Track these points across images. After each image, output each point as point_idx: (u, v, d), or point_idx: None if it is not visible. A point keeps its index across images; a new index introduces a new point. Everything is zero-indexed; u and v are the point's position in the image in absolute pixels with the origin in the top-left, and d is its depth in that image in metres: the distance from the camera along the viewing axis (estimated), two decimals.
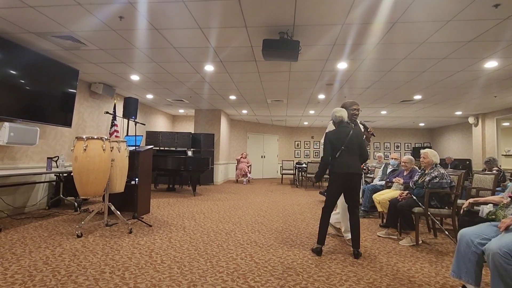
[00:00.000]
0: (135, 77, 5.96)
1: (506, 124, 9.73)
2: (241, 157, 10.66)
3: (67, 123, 5.09)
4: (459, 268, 1.92)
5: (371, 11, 3.17)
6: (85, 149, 3.10)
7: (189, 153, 7.84)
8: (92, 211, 3.59)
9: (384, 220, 3.88)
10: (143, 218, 4.02)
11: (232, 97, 7.73)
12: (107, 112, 4.31)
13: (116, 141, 3.55)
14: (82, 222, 3.32)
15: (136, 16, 3.36)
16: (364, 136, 3.22)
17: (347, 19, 3.34)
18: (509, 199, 1.98)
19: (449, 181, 3.30)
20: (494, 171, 4.94)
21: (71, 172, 4.26)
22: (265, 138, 13.07)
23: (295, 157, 13.69)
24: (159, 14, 3.32)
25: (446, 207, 3.28)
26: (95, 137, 3.22)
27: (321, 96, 7.33)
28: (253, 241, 3.17)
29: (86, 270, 2.27)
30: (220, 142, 9.71)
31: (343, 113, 3.01)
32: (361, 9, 3.13)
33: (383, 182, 4.72)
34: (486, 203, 2.17)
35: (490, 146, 8.91)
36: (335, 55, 4.45)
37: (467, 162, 9.38)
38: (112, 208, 3.49)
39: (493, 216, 2.03)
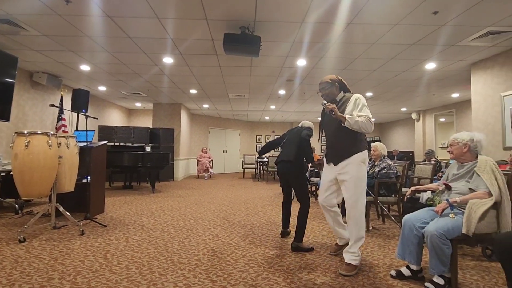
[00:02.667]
0: (85, 67, 5.51)
1: (442, 119, 10.92)
2: (202, 153, 10.50)
3: (4, 116, 4.55)
4: (403, 250, 2.13)
5: (328, 12, 3.31)
6: (27, 146, 2.81)
7: (147, 149, 7.51)
8: (37, 213, 3.27)
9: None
10: (96, 218, 3.78)
11: (193, 91, 7.55)
12: (53, 105, 3.93)
13: (64, 137, 3.26)
14: (25, 226, 3.01)
15: (85, 0, 3.10)
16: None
17: (305, 17, 3.45)
18: (444, 186, 2.24)
19: (395, 171, 3.63)
20: (432, 162, 5.53)
21: (10, 171, 3.83)
22: (226, 132, 13.02)
23: (256, 151, 13.87)
24: (112, 0, 3.10)
25: (393, 195, 3.60)
26: (39, 132, 2.93)
27: (282, 92, 7.50)
28: (215, 236, 3.17)
29: (31, 277, 2.08)
30: (181, 137, 9.45)
31: (305, 122, 3.23)
32: (319, 9, 3.26)
33: None
34: (425, 191, 2.44)
35: (429, 139, 9.95)
36: (294, 52, 4.58)
37: (411, 154, 10.37)
38: (61, 209, 3.22)
39: (431, 202, 2.29)
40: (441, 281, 1.92)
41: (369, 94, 7.56)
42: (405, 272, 2.14)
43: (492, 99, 4.78)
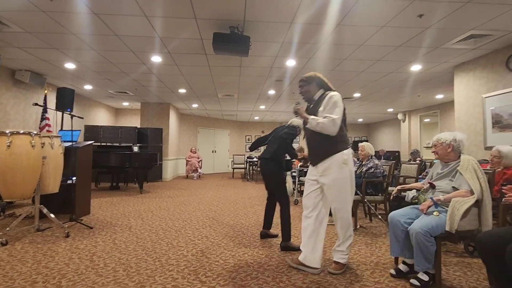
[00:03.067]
0: (70, 65, 5.38)
1: (427, 120, 11.22)
2: (191, 153, 10.42)
3: None
4: (397, 247, 2.16)
5: (317, 12, 3.35)
6: (9, 146, 2.71)
7: (135, 149, 7.38)
8: (20, 215, 3.17)
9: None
10: (82, 220, 3.70)
11: (182, 91, 7.48)
12: (36, 104, 3.82)
13: (48, 136, 3.17)
14: (8, 228, 2.91)
15: None
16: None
17: (295, 18, 3.48)
18: (428, 185, 2.30)
19: (382, 170, 3.70)
20: (418, 161, 5.68)
21: None
22: (216, 132, 12.96)
23: (246, 151, 13.86)
24: None
25: (380, 194, 3.67)
26: (22, 131, 2.84)
27: (271, 92, 7.52)
28: (204, 237, 3.15)
29: (14, 281, 2.01)
30: (169, 137, 9.35)
31: (294, 120, 3.17)
32: (308, 10, 3.29)
33: None
34: (411, 189, 2.50)
35: (414, 139, 10.19)
36: (284, 52, 4.61)
37: (397, 154, 10.59)
38: (45, 210, 3.13)
39: (416, 200, 2.35)
40: (425, 278, 1.97)
41: (357, 94, 7.68)
42: (403, 268, 2.16)
43: (474, 100, 4.94)
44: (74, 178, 3.81)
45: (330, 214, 2.34)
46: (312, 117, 2.20)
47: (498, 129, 4.49)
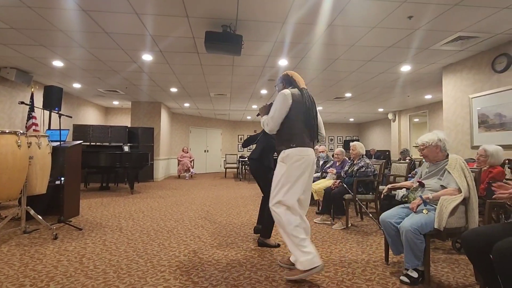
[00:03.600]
0: (58, 63, 5.26)
1: (416, 120, 11.43)
2: (182, 152, 10.34)
3: None
4: (396, 247, 2.19)
5: (309, 12, 3.37)
6: None
7: (126, 149, 7.27)
8: (6, 217, 3.08)
9: (320, 208, 4.22)
10: (71, 221, 3.62)
11: (173, 90, 7.41)
12: (22, 102, 3.72)
13: (35, 136, 3.09)
14: None
15: None
16: None
17: (287, 17, 3.48)
18: (418, 183, 2.34)
19: (373, 169, 3.75)
20: (407, 160, 5.77)
21: None
22: (208, 132, 12.89)
23: (238, 151, 13.84)
24: None
25: (371, 193, 3.72)
26: (7, 131, 2.76)
27: (264, 91, 7.53)
28: (196, 237, 3.13)
29: (1, 284, 1.96)
30: (161, 136, 9.25)
31: None
32: (300, 9, 3.30)
33: (318, 174, 5.07)
34: (401, 188, 2.54)
35: (404, 139, 10.36)
36: (276, 51, 4.61)
37: (387, 153, 10.75)
38: (32, 212, 3.06)
39: (406, 199, 2.39)
40: (415, 274, 2.01)
41: (348, 94, 7.76)
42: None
43: (461, 101, 5.05)
44: (62, 178, 3.73)
45: (325, 213, 2.36)
46: (265, 116, 2.28)
47: (484, 129, 4.61)
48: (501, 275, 1.42)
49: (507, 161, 3.67)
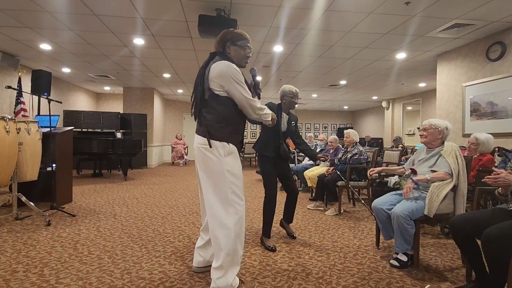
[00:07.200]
0: (45, 46, 5.09)
1: (409, 108, 11.50)
2: (176, 139, 10.27)
3: None
4: (387, 232, 2.24)
5: None
6: None
7: (118, 135, 7.18)
8: None
9: (313, 194, 4.27)
10: (64, 208, 3.60)
11: (166, 75, 7.27)
12: (9, 87, 3.61)
13: (24, 122, 3.02)
14: None
15: None
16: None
17: (283, 1, 3.40)
18: (410, 170, 2.37)
19: (366, 157, 3.79)
20: (400, 148, 5.84)
21: None
22: None
23: None
24: None
25: (363, 180, 3.77)
26: None
27: (258, 78, 7.43)
28: (191, 223, 3.15)
29: None
30: (154, 123, 9.15)
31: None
32: None
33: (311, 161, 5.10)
34: (393, 175, 2.58)
35: (397, 127, 10.45)
36: (271, 37, 4.53)
37: (380, 141, 10.86)
38: (23, 199, 3.03)
39: (398, 185, 2.43)
40: (404, 258, 2.07)
41: (343, 82, 7.73)
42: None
43: (454, 89, 5.08)
44: (53, 165, 3.68)
45: (318, 199, 2.37)
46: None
47: (476, 117, 4.67)
48: (488, 260, 1.47)
49: (496, 148, 3.74)
